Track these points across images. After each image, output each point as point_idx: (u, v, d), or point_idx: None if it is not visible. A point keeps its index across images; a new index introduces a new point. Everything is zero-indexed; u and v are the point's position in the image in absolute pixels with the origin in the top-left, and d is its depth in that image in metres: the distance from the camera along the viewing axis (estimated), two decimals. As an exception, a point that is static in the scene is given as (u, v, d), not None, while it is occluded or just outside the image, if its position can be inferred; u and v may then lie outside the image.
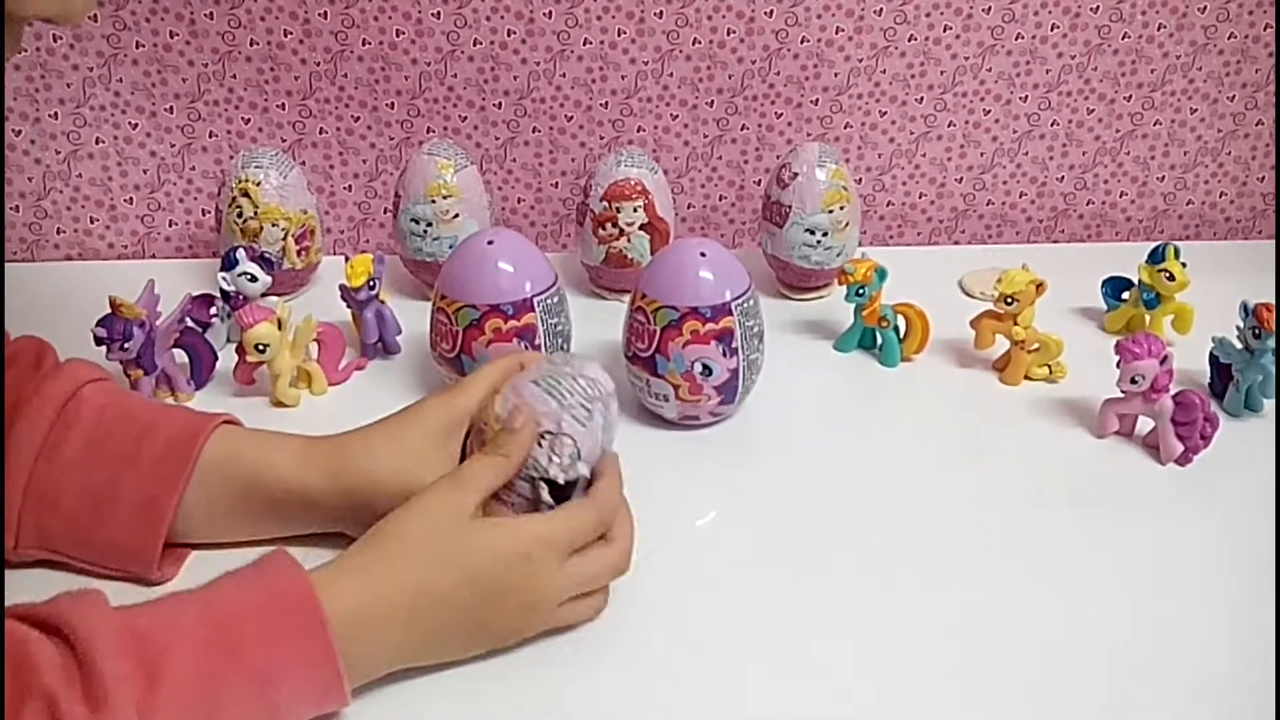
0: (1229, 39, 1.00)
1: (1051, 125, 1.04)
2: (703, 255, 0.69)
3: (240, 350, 0.74)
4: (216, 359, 0.79)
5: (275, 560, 0.48)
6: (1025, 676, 0.53)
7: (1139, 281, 0.85)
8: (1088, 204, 1.09)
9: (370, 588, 0.49)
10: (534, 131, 1.01)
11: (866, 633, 0.56)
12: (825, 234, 0.88)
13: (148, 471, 0.56)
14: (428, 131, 1.01)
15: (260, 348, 0.72)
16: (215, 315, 0.82)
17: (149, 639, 0.43)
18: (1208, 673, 0.53)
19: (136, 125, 0.99)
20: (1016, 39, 0.99)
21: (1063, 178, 1.07)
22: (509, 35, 0.96)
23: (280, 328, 0.73)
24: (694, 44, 0.97)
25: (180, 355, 0.78)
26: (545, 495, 0.55)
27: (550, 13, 0.95)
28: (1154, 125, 1.05)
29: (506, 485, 0.55)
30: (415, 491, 0.53)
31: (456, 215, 0.87)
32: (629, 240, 0.88)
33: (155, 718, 0.41)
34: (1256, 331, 0.73)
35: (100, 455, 0.56)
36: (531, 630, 0.53)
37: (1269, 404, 0.75)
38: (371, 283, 0.79)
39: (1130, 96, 1.03)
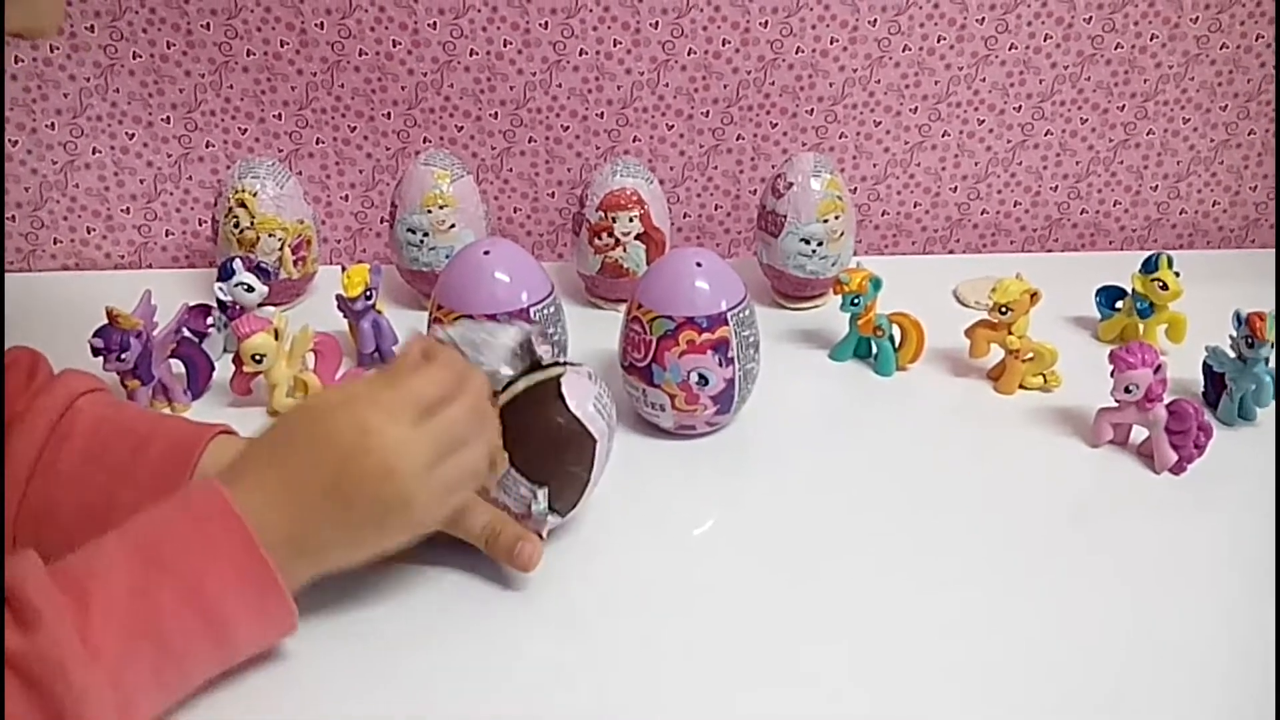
0: (1221, 49, 1.01)
1: (1045, 135, 1.05)
2: (699, 265, 0.69)
3: (237, 360, 0.74)
4: (213, 369, 0.79)
5: (199, 483, 0.50)
6: (1020, 684, 0.53)
7: (1133, 291, 0.85)
8: (1081, 213, 1.09)
9: (260, 481, 0.50)
10: (530, 141, 1.02)
11: (863, 640, 0.56)
12: (820, 243, 0.88)
13: (144, 485, 0.56)
14: (424, 142, 1.01)
15: (257, 358, 0.72)
16: (212, 325, 0.82)
17: (71, 570, 0.45)
18: (1204, 679, 0.53)
19: (133, 135, 0.99)
20: (1010, 49, 1.00)
21: (1056, 187, 1.08)
22: (505, 46, 0.97)
23: (277, 338, 0.73)
24: (689, 54, 0.98)
25: (177, 365, 0.78)
26: (539, 499, 0.56)
27: (546, 23, 0.96)
28: (1147, 135, 1.05)
29: (501, 484, 0.56)
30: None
31: (453, 225, 0.88)
32: (625, 250, 0.89)
33: (95, 637, 0.43)
34: (1249, 340, 0.73)
35: (97, 468, 0.56)
36: (410, 503, 0.51)
37: (1262, 413, 0.76)
38: (368, 293, 0.80)
39: (1123, 106, 1.04)
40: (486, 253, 0.71)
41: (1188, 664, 0.54)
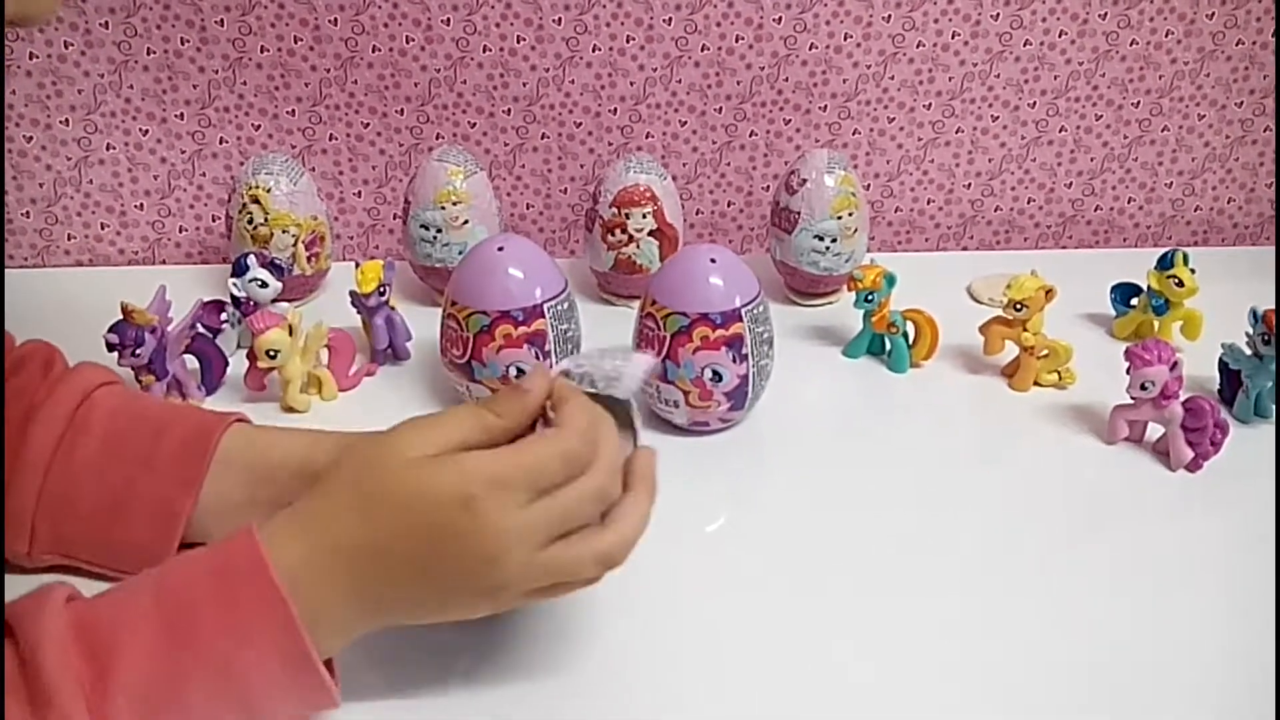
0: (1236, 45, 1.00)
1: (1060, 131, 1.04)
2: (713, 261, 0.69)
3: (251, 356, 0.74)
4: (227, 365, 0.79)
5: (236, 537, 0.44)
6: (1035, 681, 0.53)
7: (1148, 288, 0.85)
8: (1096, 210, 1.09)
9: (302, 546, 0.44)
10: (543, 138, 1.02)
11: (876, 638, 0.56)
12: (834, 240, 0.88)
13: (163, 473, 0.56)
14: (437, 138, 1.01)
15: (271, 353, 0.72)
16: (226, 321, 0.83)
17: (98, 632, 0.41)
18: (1219, 678, 0.53)
19: (147, 131, 0.99)
20: (1025, 45, 0.99)
21: (1071, 184, 1.07)
22: (518, 42, 0.96)
23: (291, 333, 0.73)
24: (702, 50, 0.98)
25: (191, 361, 0.78)
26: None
27: (559, 19, 0.95)
28: (1162, 131, 1.05)
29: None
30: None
31: (466, 221, 0.88)
32: (638, 246, 0.89)
33: (110, 713, 0.40)
34: (1266, 338, 0.73)
35: (115, 458, 0.56)
36: (503, 590, 0.45)
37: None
38: (382, 289, 0.80)
39: (1138, 103, 1.03)
40: (501, 249, 0.71)
41: (1204, 662, 0.54)
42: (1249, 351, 0.75)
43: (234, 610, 0.43)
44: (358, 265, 0.80)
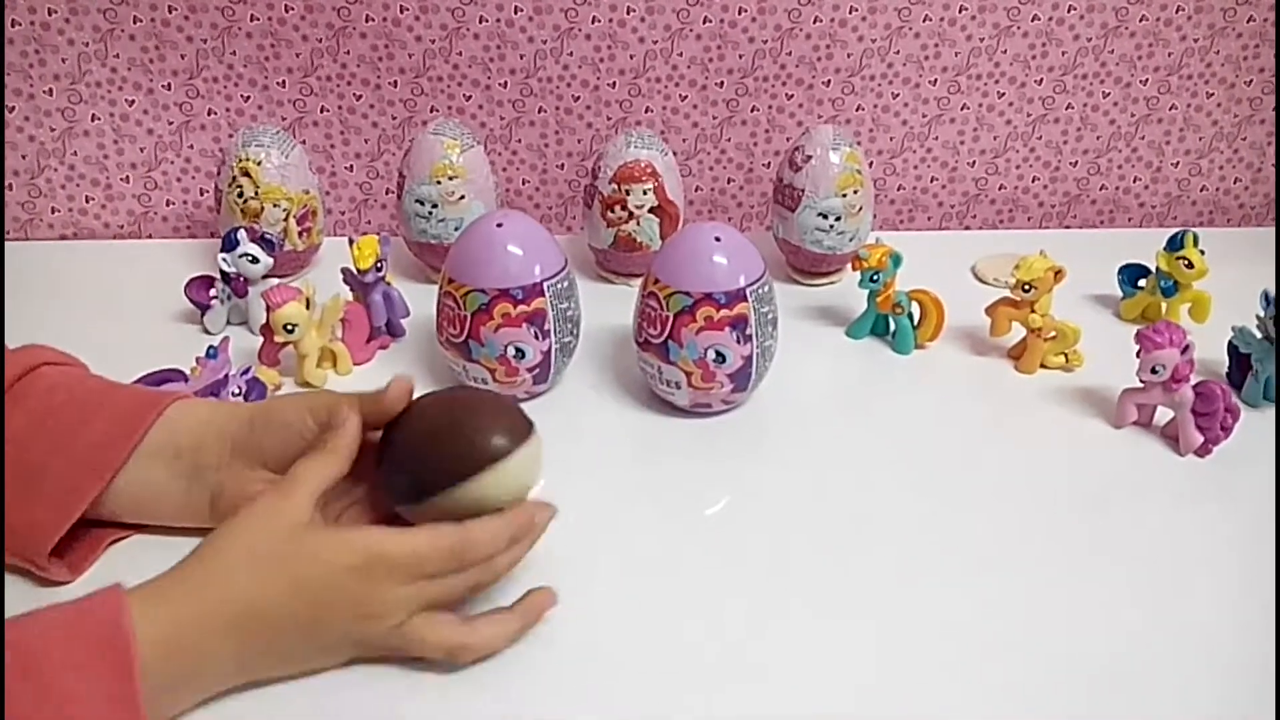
0: (1248, 22, 0.99)
1: (1066, 109, 1.02)
2: (717, 240, 0.68)
3: (267, 330, 0.72)
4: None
5: (102, 591, 0.45)
6: (1039, 662, 0.52)
7: (1156, 269, 0.83)
8: (1101, 189, 1.07)
9: (189, 604, 0.45)
10: (540, 112, 0.99)
11: (877, 620, 0.55)
12: (838, 218, 0.86)
13: (80, 459, 0.54)
14: (431, 111, 0.99)
15: (289, 328, 0.71)
16: (215, 297, 0.81)
17: None
18: (1230, 663, 0.52)
19: (133, 102, 0.97)
20: (1033, 20, 0.98)
21: (1076, 162, 1.06)
22: (515, 12, 0.94)
23: (308, 307, 0.71)
24: (704, 23, 0.95)
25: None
26: None
27: (558, -11, 0.93)
28: (1170, 110, 1.03)
29: None
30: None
31: (462, 197, 0.86)
32: (638, 223, 0.87)
33: None
34: (1278, 321, 0.72)
35: (39, 434, 0.54)
36: (381, 640, 0.49)
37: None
38: (379, 264, 0.78)
39: (1146, 80, 1.01)
40: (499, 225, 0.69)
41: (1213, 647, 0.53)
42: (1259, 335, 0.74)
43: (80, 655, 0.42)
44: (352, 241, 0.78)
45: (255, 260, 0.79)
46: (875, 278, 0.79)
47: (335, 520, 0.55)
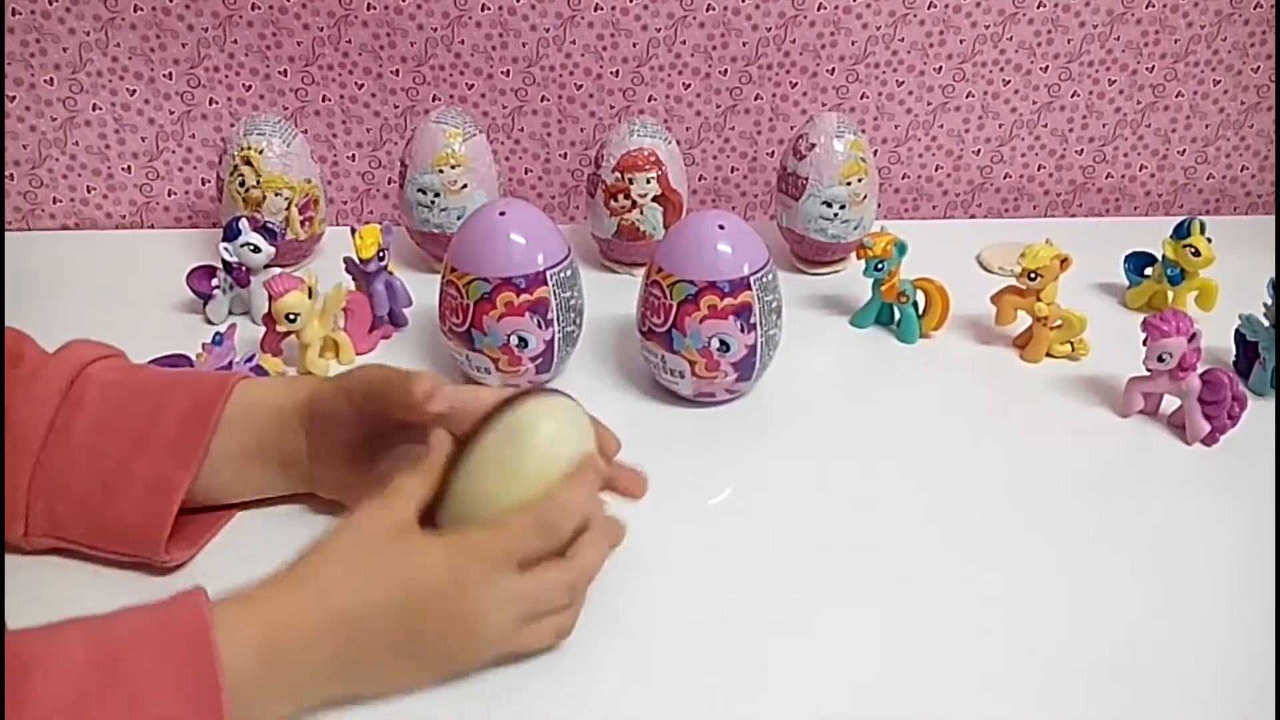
0: (1255, 9, 0.98)
1: (1072, 96, 1.02)
2: (721, 228, 0.67)
3: (269, 319, 0.72)
4: None
5: (184, 594, 0.44)
6: (1044, 651, 0.52)
7: (1163, 257, 0.83)
8: (1107, 177, 1.07)
9: (281, 614, 0.44)
10: (542, 100, 0.99)
11: (881, 610, 0.55)
12: (843, 206, 0.86)
13: (160, 452, 0.54)
14: (433, 100, 0.98)
15: (291, 317, 0.70)
16: (217, 287, 0.81)
17: (23, 650, 0.40)
18: (1236, 653, 0.52)
19: (135, 92, 0.96)
20: (1038, 7, 0.97)
21: (1082, 150, 1.05)
22: (518, 1, 0.93)
23: (310, 296, 0.71)
24: (707, 10, 0.95)
25: None
26: None
27: (560, -23, 0.93)
28: (1176, 97, 1.02)
29: None
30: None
31: (465, 186, 0.85)
32: (642, 212, 0.86)
33: None
34: (1278, 310, 0.71)
35: (111, 437, 0.54)
36: (480, 657, 0.49)
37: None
38: (381, 254, 0.77)
39: (1153, 67, 1.01)
40: (502, 214, 0.69)
41: (1220, 637, 0.53)
42: (1267, 323, 0.73)
43: (164, 659, 0.41)
44: (353, 230, 0.77)
45: (257, 250, 0.78)
46: (880, 266, 0.78)
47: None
